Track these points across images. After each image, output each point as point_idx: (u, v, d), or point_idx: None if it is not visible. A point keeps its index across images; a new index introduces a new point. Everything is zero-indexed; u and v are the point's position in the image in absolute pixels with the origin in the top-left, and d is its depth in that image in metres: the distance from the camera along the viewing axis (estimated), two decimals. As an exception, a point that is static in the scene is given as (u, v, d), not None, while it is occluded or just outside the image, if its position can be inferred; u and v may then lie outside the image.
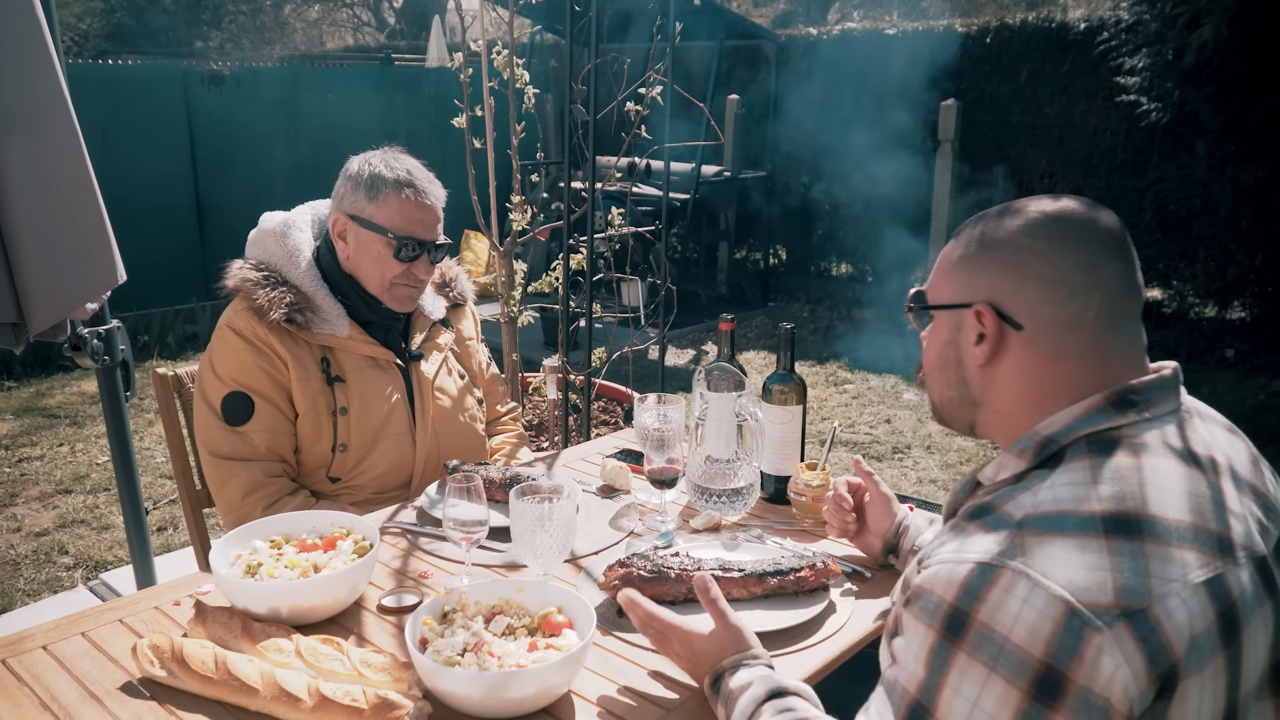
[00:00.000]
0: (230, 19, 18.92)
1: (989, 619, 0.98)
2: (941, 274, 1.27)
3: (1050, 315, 1.16)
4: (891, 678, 1.08)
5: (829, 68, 8.62)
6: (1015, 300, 1.18)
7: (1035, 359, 1.17)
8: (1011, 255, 1.18)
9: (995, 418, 1.24)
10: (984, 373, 1.22)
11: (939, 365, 1.29)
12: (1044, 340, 1.17)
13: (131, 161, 7.52)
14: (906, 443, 5.38)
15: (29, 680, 1.42)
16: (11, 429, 5.47)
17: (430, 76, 9.78)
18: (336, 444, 2.10)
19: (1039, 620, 0.95)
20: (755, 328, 7.89)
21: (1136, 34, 6.58)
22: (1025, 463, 1.14)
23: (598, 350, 3.64)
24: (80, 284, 2.31)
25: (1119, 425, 1.11)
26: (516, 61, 3.35)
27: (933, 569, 1.05)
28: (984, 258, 1.21)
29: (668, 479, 1.94)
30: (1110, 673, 0.94)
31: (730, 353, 2.09)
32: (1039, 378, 1.17)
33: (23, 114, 2.14)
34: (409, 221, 2.10)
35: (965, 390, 1.26)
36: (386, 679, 1.37)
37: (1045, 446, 1.13)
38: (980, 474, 1.22)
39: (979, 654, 0.98)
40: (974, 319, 1.21)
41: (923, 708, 1.02)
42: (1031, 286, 1.16)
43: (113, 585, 3.68)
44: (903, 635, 1.08)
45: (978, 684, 0.98)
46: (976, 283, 1.21)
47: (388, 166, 2.11)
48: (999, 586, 0.98)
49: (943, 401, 1.31)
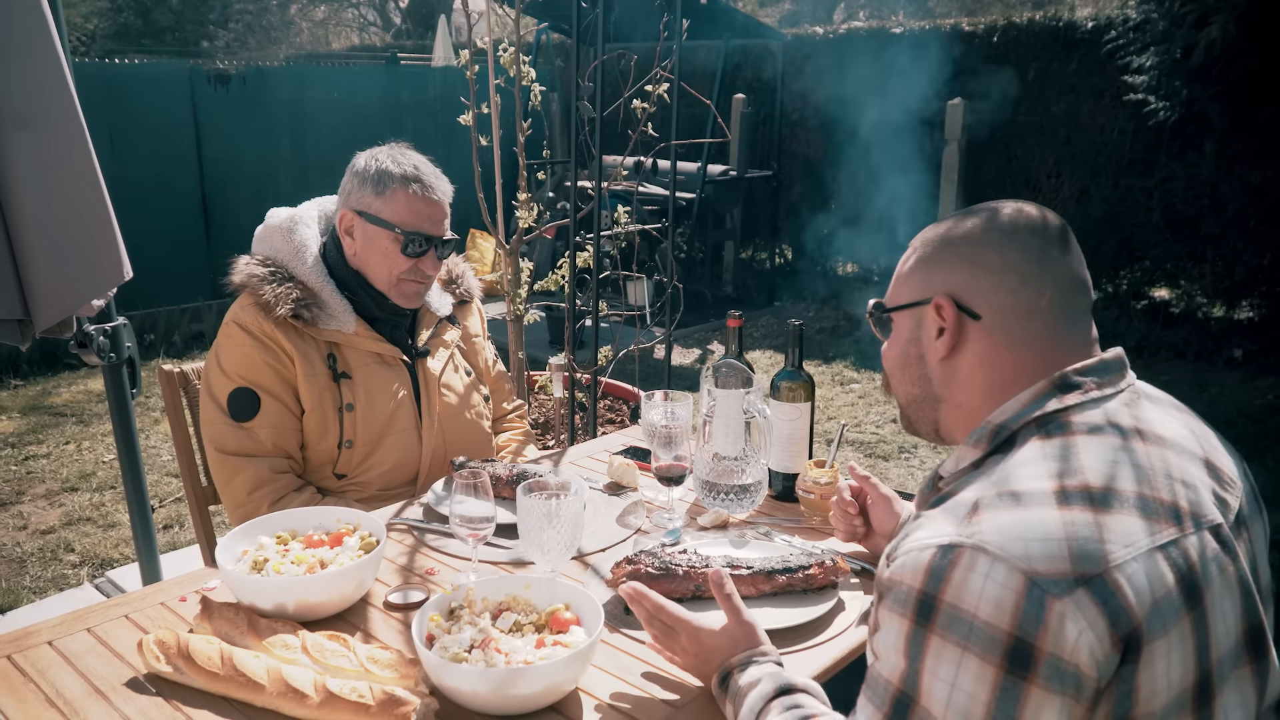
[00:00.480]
0: (237, 19, 18.95)
1: (955, 599, 0.99)
2: (899, 280, 1.31)
3: (1006, 304, 1.19)
4: (875, 674, 1.09)
5: (835, 67, 8.61)
6: (971, 290, 1.21)
7: (993, 348, 1.21)
8: (966, 249, 1.23)
9: (956, 413, 1.27)
10: (945, 366, 1.26)
11: (901, 365, 1.32)
12: (1001, 329, 1.20)
13: (138, 160, 7.53)
14: (913, 442, 5.37)
15: (34, 676, 1.41)
16: (18, 427, 5.48)
17: (436, 76, 9.79)
18: (343, 440, 2.10)
19: (1002, 593, 0.97)
20: (761, 327, 7.88)
21: (1144, 32, 6.56)
22: (980, 451, 1.17)
23: (604, 349, 3.63)
24: (86, 281, 2.31)
25: (1066, 407, 1.13)
26: (523, 58, 3.34)
27: (899, 560, 1.07)
28: (939, 254, 1.26)
29: (675, 476, 1.93)
30: (1075, 638, 0.95)
31: (738, 349, 2.08)
32: (998, 366, 1.21)
33: (29, 112, 2.15)
34: (416, 217, 2.10)
35: (928, 387, 1.29)
36: (393, 675, 1.36)
37: (998, 434, 1.16)
38: (941, 468, 1.25)
39: (951, 634, 0.99)
40: (934, 313, 1.24)
41: (907, 696, 1.03)
42: (985, 276, 1.20)
43: (118, 583, 3.68)
44: (880, 629, 1.09)
45: (953, 664, 0.99)
46: (933, 279, 1.25)
47: (395, 162, 2.11)
48: (961, 566, 1.00)
49: (907, 402, 1.34)
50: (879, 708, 1.06)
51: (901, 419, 1.38)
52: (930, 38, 8.30)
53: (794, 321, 2.07)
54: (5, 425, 5.48)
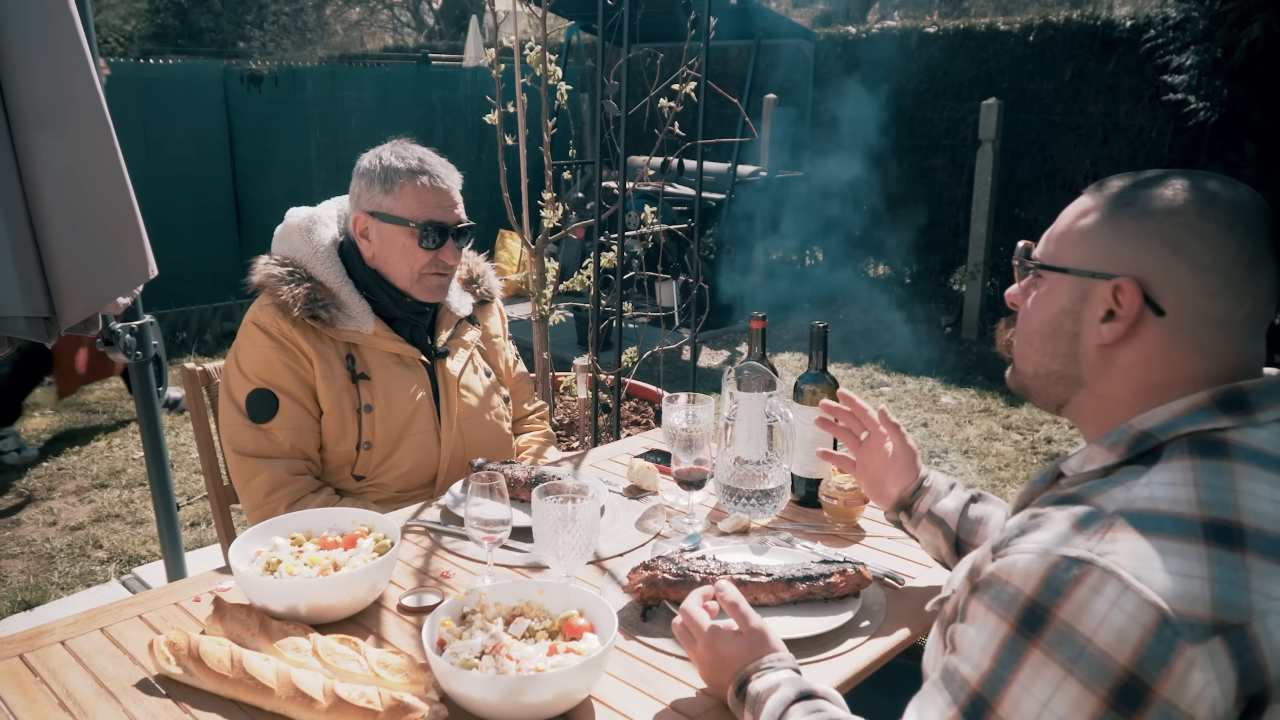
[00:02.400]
0: (273, 19, 19.15)
1: (1071, 618, 0.92)
2: (1073, 233, 1.12)
3: (1200, 306, 1.04)
4: (952, 666, 1.02)
5: (868, 67, 8.53)
6: (1163, 282, 1.04)
7: (1166, 350, 1.06)
8: (1171, 230, 1.04)
9: (1096, 403, 1.13)
10: (1102, 354, 1.10)
11: (1047, 333, 1.15)
12: (1184, 332, 1.05)
13: (171, 160, 7.60)
14: (944, 447, 5.30)
15: (45, 676, 1.40)
16: (50, 424, 5.54)
17: (467, 76, 9.81)
18: (361, 441, 2.09)
19: (1127, 625, 0.89)
20: (790, 329, 7.82)
21: (1184, 31, 6.43)
22: (1116, 456, 1.06)
23: (629, 350, 3.61)
24: (111, 278, 2.31)
25: (1224, 427, 1.01)
26: (550, 57, 3.32)
27: (1011, 558, 0.99)
28: (1135, 225, 1.06)
29: (695, 480, 1.89)
30: (1199, 689, 0.88)
31: (761, 352, 2.05)
32: (1164, 369, 1.07)
33: (54, 110, 2.15)
34: (428, 207, 2.08)
35: (1072, 367, 1.14)
36: (403, 681, 1.34)
37: (1140, 441, 1.05)
38: (1064, 464, 1.14)
39: (1056, 653, 0.92)
40: (1109, 293, 1.07)
41: (983, 700, 0.97)
42: (1186, 270, 1.04)
43: (145, 580, 3.70)
44: (968, 623, 1.02)
45: (1051, 684, 0.92)
46: (1120, 252, 1.07)
47: (398, 157, 2.09)
48: (1086, 585, 0.92)
49: (1038, 372, 1.18)
50: (952, 703, 0.99)
51: (1013, 379, 1.23)
52: (964, 37, 8.20)
53: (817, 323, 2.03)
54: (38, 422, 5.54)
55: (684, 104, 3.33)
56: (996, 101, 7.26)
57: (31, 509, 4.41)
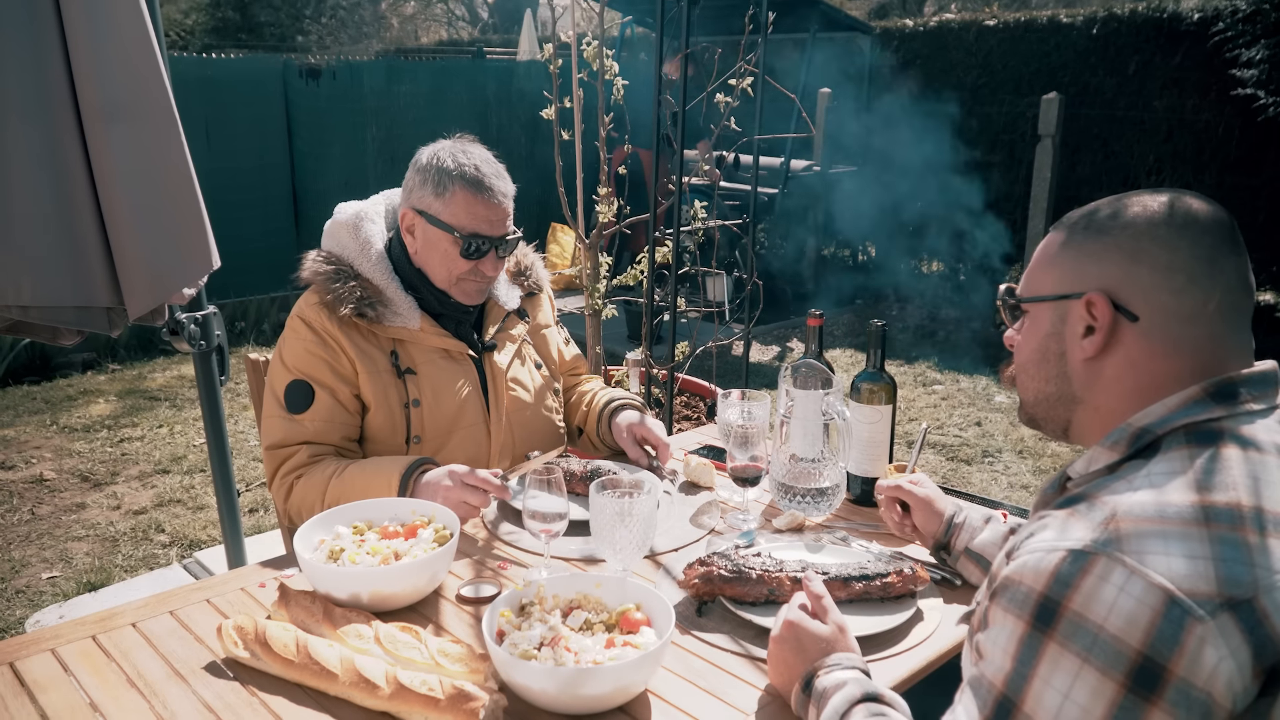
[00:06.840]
0: (330, 13, 19.40)
1: (1082, 608, 0.95)
2: (1043, 264, 1.21)
3: (1168, 305, 1.10)
4: (977, 674, 1.04)
5: (925, 60, 8.43)
6: (1130, 288, 1.11)
7: (1148, 352, 1.12)
8: (1127, 241, 1.12)
9: (1094, 416, 1.18)
10: (1089, 367, 1.16)
11: (1037, 360, 1.23)
12: (1159, 332, 1.11)
13: (231, 153, 7.75)
14: (998, 446, 5.23)
15: (117, 657, 1.45)
16: (114, 409, 5.68)
17: (521, 69, 9.86)
18: (410, 436, 2.11)
19: (1136, 609, 0.92)
20: (842, 325, 7.77)
21: (1255, 23, 6.27)
22: (1118, 454, 1.10)
23: (681, 345, 3.61)
24: (177, 269, 2.36)
25: (1218, 417, 1.06)
26: (606, 52, 3.33)
27: (1021, 559, 1.02)
28: (1094, 244, 1.14)
29: (751, 477, 1.90)
30: (1213, 665, 0.90)
31: (818, 349, 2.04)
32: (1150, 371, 1.12)
33: (128, 105, 2.20)
34: (475, 220, 2.07)
35: (1065, 386, 1.20)
36: (463, 669, 1.36)
37: (1139, 437, 1.09)
38: (1070, 469, 1.18)
39: (1072, 644, 0.95)
40: (1083, 309, 1.14)
41: (1009, 700, 0.99)
42: (1147, 273, 1.10)
43: (205, 564, 3.78)
44: (990, 629, 1.04)
45: (1070, 675, 0.95)
46: (1085, 271, 1.15)
47: (455, 161, 2.07)
48: (1093, 574, 0.95)
49: (1038, 399, 1.25)
50: (980, 709, 1.01)
51: (1022, 413, 1.30)
52: (1025, 30, 8.06)
53: (876, 321, 2.01)
54: (102, 408, 5.69)
55: (740, 99, 3.32)
56: (1057, 96, 7.13)
57: (96, 493, 4.54)
